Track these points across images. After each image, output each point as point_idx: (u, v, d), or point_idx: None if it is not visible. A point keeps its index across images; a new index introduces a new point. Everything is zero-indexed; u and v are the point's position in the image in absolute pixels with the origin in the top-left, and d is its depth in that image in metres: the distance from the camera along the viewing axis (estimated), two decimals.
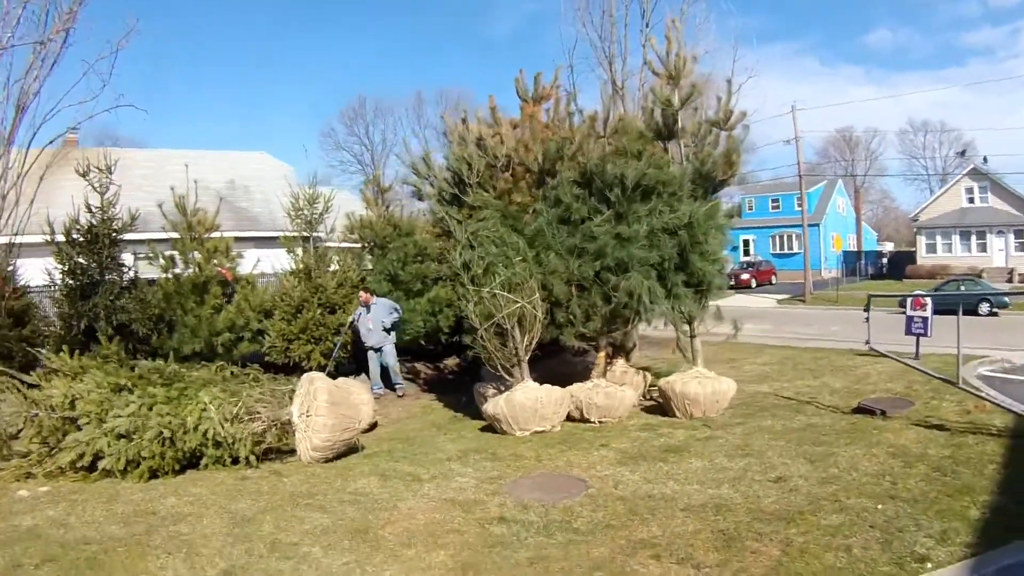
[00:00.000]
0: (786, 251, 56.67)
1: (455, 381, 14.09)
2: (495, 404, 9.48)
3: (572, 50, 42.01)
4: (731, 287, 45.96)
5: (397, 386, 13.06)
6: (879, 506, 5.73)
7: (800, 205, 38.32)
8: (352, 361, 13.69)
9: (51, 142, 10.42)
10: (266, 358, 13.22)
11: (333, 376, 10.80)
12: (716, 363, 13.95)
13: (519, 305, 9.50)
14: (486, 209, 10.96)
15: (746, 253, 59.43)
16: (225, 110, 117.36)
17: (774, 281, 49.64)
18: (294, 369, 13.03)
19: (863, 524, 5.40)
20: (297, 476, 7.79)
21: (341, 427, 8.45)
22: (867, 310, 10.39)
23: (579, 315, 10.07)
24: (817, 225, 53.45)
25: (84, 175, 11.30)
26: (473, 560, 5.23)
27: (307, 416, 8.35)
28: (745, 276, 47.26)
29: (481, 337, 9.73)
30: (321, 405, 8.29)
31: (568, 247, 10.07)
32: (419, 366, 15.05)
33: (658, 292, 9.52)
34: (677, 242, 9.85)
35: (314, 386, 8.51)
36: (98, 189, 11.64)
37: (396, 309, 12.88)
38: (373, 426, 10.80)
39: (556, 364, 12.39)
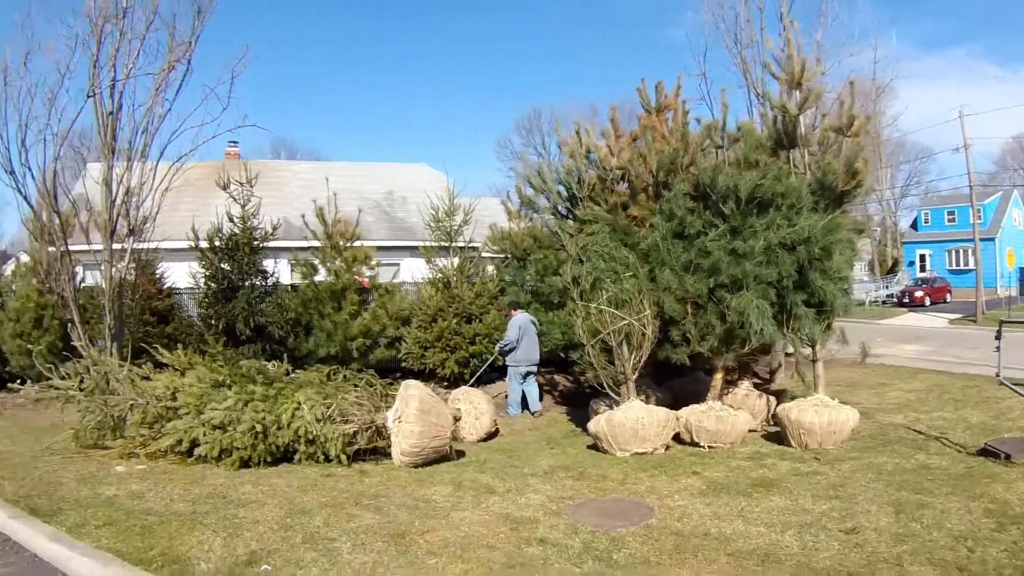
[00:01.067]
0: (962, 267, 52.81)
1: (591, 395, 14.12)
2: (597, 423, 9.40)
3: (703, 56, 40.46)
4: (904, 305, 43.69)
5: (535, 413, 13.06)
6: None
7: (977, 219, 35.70)
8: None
9: (177, 160, 11.27)
10: (403, 364, 13.82)
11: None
12: (861, 388, 13.17)
13: (626, 322, 9.39)
14: (596, 223, 10.93)
15: (922, 269, 56.17)
16: (400, 119, 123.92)
17: (948, 299, 46.76)
18: (430, 376, 13.56)
19: None
20: (378, 478, 8.11)
21: (430, 434, 8.67)
22: (998, 337, 9.39)
23: (694, 334, 9.81)
24: (992, 239, 49.80)
25: (224, 188, 12.18)
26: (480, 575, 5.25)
27: (399, 422, 8.63)
28: (919, 293, 44.86)
29: (588, 353, 9.71)
30: (411, 412, 8.57)
31: (683, 263, 9.79)
32: (559, 378, 15.24)
33: (768, 312, 9.09)
34: (796, 259, 9.34)
35: (408, 393, 8.79)
36: (239, 201, 12.48)
37: (532, 322, 13.00)
38: (493, 434, 11.08)
39: (690, 383, 12.09)
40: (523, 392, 13.06)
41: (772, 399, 10.78)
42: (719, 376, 10.12)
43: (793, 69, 11.27)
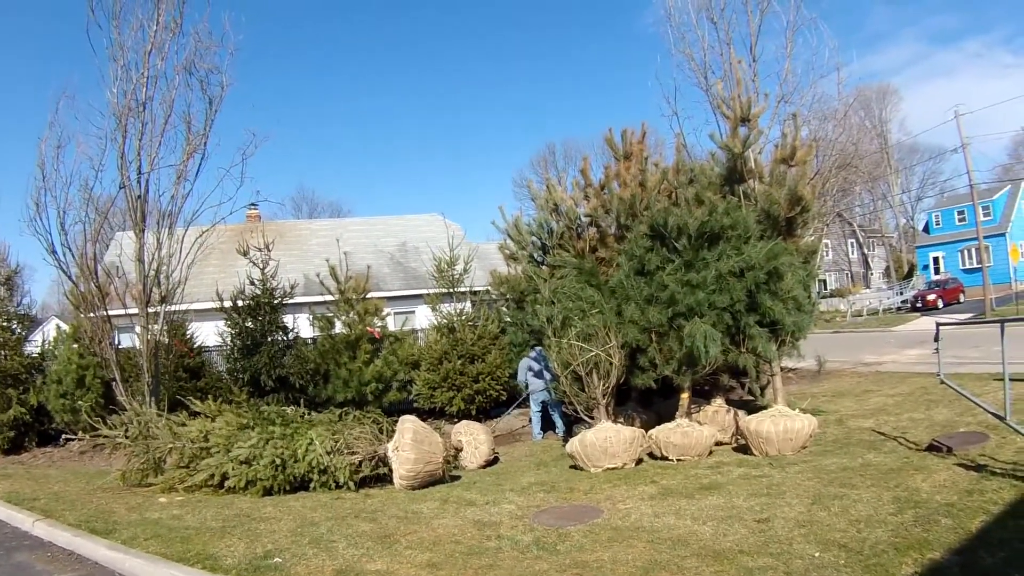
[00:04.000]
0: (975, 266, 53.13)
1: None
2: (572, 444, 11.03)
3: (674, 95, 39.21)
4: (917, 309, 44.82)
5: (560, 431, 14.92)
6: (817, 554, 6.20)
7: (986, 215, 36.34)
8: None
9: (200, 236, 13.38)
10: (414, 404, 15.70)
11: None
12: (847, 396, 14.46)
13: (593, 353, 11.04)
14: (564, 268, 12.69)
15: (936, 271, 57.13)
16: (420, 169, 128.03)
17: (962, 299, 47.88)
18: (440, 414, 15.40)
19: (778, 570, 5.91)
20: (380, 498, 9.87)
21: (424, 460, 10.43)
22: (937, 339, 10.63)
23: (659, 359, 11.44)
24: (1003, 234, 50.70)
25: (244, 254, 14.26)
26: (441, 560, 6.82)
27: (397, 451, 10.44)
28: (931, 296, 46.16)
29: (562, 383, 11.42)
30: (406, 442, 10.39)
31: (645, 296, 11.43)
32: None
33: (715, 337, 10.60)
34: (745, 284, 10.84)
35: (404, 426, 10.62)
36: (258, 265, 14.53)
37: (541, 357, 14.53)
38: (493, 462, 12.67)
39: (673, 405, 13.34)
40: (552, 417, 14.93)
41: (742, 413, 12.17)
42: (685, 395, 11.69)
43: (737, 108, 12.64)
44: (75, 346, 17.20)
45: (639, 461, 10.99)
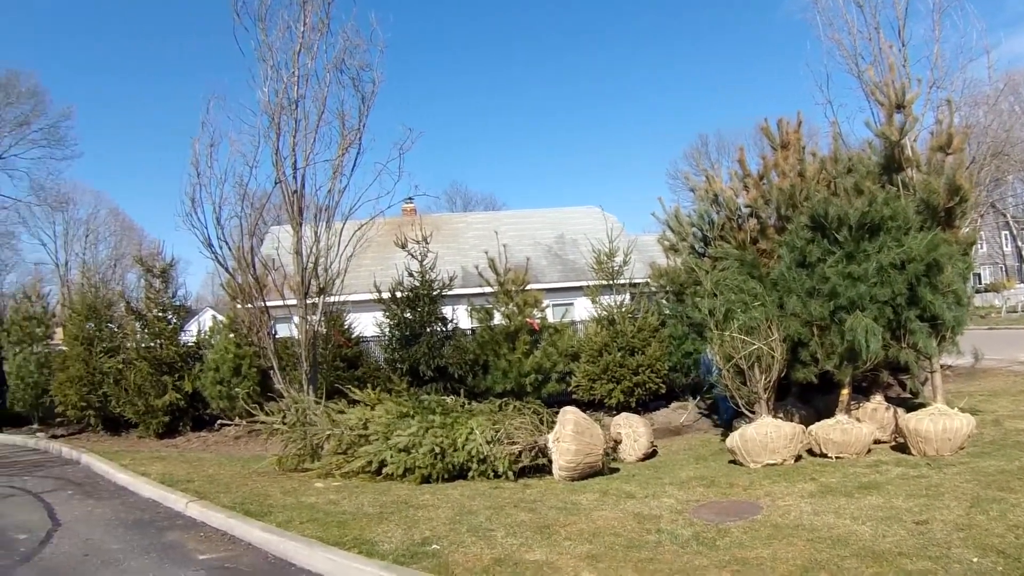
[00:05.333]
0: None
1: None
2: (732, 439, 11.02)
3: (826, 83, 36.73)
4: None
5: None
6: (975, 559, 6.11)
7: None
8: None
9: (358, 229, 13.93)
10: (573, 396, 15.99)
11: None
12: (1003, 396, 14.12)
13: (756, 347, 11.05)
14: (726, 259, 12.63)
15: None
16: (573, 163, 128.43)
17: None
18: (599, 406, 15.64)
19: (936, 574, 5.91)
20: (538, 489, 10.11)
21: (584, 452, 10.63)
22: None
23: (820, 354, 11.31)
24: None
25: (403, 247, 14.76)
26: (601, 552, 7.00)
27: (557, 442, 10.68)
28: None
29: (723, 376, 11.45)
30: (567, 433, 10.59)
31: (806, 289, 11.27)
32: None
33: (876, 332, 10.36)
34: (906, 277, 10.60)
35: (565, 417, 10.83)
36: (416, 256, 15.04)
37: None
38: (651, 455, 12.72)
39: (832, 400, 13.10)
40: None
41: (901, 411, 11.89)
42: (845, 392, 11.45)
43: (891, 94, 12.34)
44: (231, 336, 18.26)
45: (798, 458, 10.86)
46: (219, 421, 17.50)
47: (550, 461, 10.84)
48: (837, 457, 10.72)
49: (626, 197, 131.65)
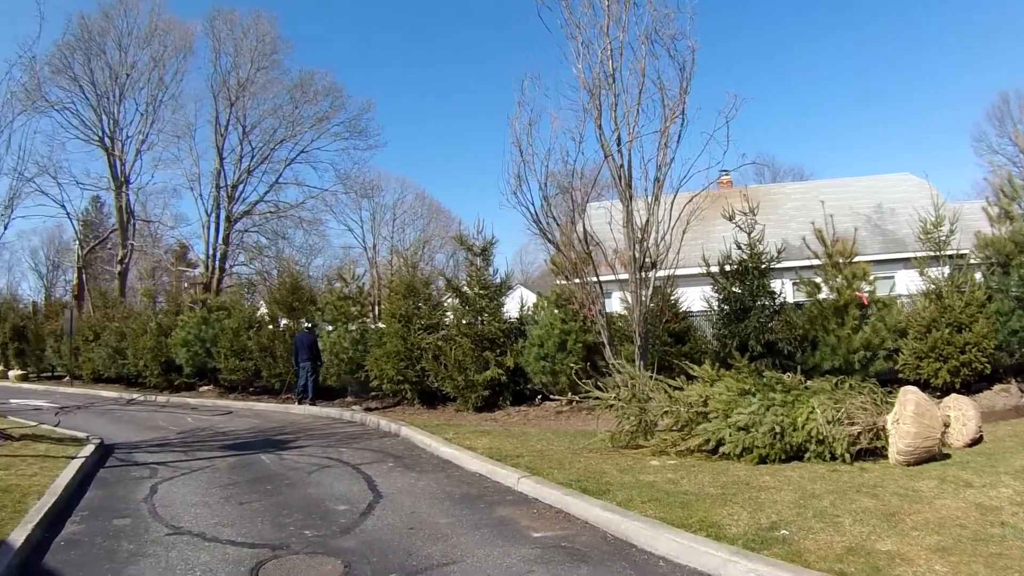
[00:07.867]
0: None
1: None
2: None
3: None
4: None
5: None
6: None
7: None
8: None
9: (691, 199, 14.09)
10: (899, 375, 15.54)
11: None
12: None
13: None
14: None
15: None
16: (875, 126, 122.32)
17: None
18: (924, 385, 15.18)
19: None
20: (875, 473, 10.15)
21: (923, 435, 10.53)
22: None
23: None
24: None
25: (731, 219, 14.87)
26: (950, 545, 7.02)
27: (896, 424, 10.60)
28: None
29: None
30: (908, 415, 10.52)
31: None
32: None
33: None
34: None
35: (906, 397, 10.75)
36: (744, 229, 15.11)
37: None
38: (977, 441, 12.29)
39: None
40: None
41: None
42: None
43: None
44: (556, 311, 19.15)
45: None
46: (540, 396, 18.30)
47: (885, 444, 10.78)
48: None
49: (928, 161, 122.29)
